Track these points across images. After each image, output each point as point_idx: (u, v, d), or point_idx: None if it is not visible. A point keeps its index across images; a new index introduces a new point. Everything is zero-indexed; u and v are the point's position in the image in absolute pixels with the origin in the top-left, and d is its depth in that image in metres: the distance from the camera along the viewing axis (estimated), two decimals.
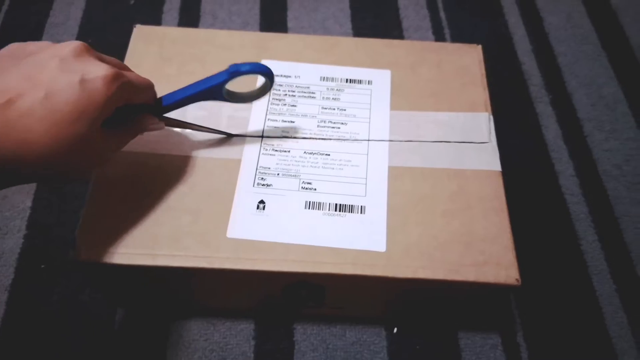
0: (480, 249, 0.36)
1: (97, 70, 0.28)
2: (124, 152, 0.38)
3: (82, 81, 0.27)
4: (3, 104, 0.26)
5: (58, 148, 0.27)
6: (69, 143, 0.27)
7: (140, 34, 0.45)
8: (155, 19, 0.62)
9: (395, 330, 0.44)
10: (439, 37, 0.62)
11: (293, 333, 0.44)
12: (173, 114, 0.36)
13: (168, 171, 0.38)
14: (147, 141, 0.39)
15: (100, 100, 0.28)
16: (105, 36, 0.60)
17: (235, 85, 0.36)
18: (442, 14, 0.65)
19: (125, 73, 0.30)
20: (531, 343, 0.44)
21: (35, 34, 0.60)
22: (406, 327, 0.44)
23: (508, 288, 0.35)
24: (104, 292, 0.43)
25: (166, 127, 0.39)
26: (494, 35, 0.64)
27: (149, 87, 0.34)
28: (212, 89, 0.36)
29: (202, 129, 0.39)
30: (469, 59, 0.45)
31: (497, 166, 0.39)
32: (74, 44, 0.29)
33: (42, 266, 0.45)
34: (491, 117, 0.41)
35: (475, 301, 0.41)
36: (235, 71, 0.35)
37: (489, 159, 0.39)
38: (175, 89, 0.41)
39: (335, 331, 0.44)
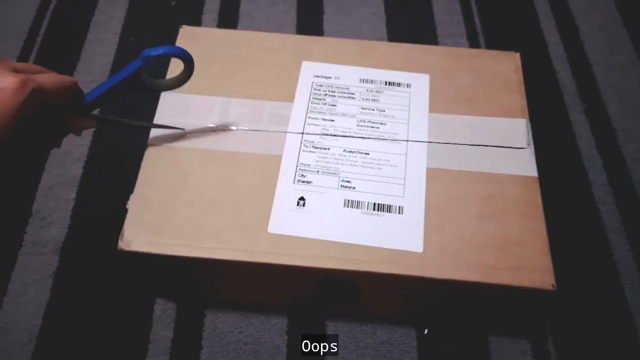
0: (515, 253, 0.36)
1: (5, 81, 0.29)
2: (169, 148, 0.40)
3: None
4: None
5: None
6: None
7: (186, 34, 0.46)
8: (195, 20, 0.63)
9: (426, 331, 0.45)
10: (474, 43, 0.63)
11: (325, 329, 0.44)
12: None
13: (212, 166, 0.39)
14: (191, 138, 0.40)
15: (10, 110, 0.29)
16: (147, 36, 0.62)
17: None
18: (477, 20, 0.65)
19: (37, 77, 0.31)
20: (561, 350, 0.44)
21: (80, 32, 0.62)
22: (437, 329, 0.45)
23: (543, 293, 0.36)
24: (145, 282, 0.44)
25: (209, 125, 0.40)
26: (529, 42, 0.64)
27: (68, 84, 0.34)
28: (130, 79, 0.35)
29: (136, 124, 0.40)
30: (506, 66, 0.46)
31: (534, 172, 0.40)
32: None
33: (85, 256, 0.47)
34: (529, 123, 0.42)
35: (507, 306, 0.41)
36: (147, 56, 0.35)
37: (525, 165, 0.40)
38: (218, 87, 0.42)
39: (366, 329, 0.44)
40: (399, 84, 0.44)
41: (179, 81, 0.38)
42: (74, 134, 0.37)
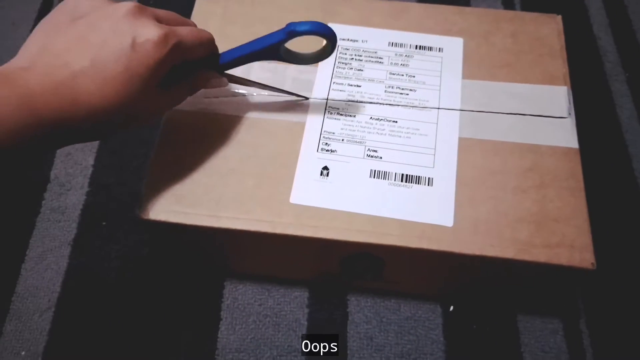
0: (553, 229, 0.34)
1: (149, 33, 0.28)
2: (189, 112, 0.38)
3: (133, 44, 0.28)
4: (58, 66, 0.27)
5: (110, 107, 0.28)
6: (121, 103, 0.28)
7: None
8: None
9: (451, 308, 0.43)
10: (508, 6, 0.59)
11: (347, 304, 0.43)
12: (237, 72, 0.35)
13: (232, 133, 0.37)
14: (212, 102, 0.38)
15: (151, 63, 0.28)
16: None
17: (298, 45, 0.35)
18: None
19: (179, 30, 0.30)
20: (594, 331, 0.42)
21: None
22: (463, 306, 0.43)
23: (581, 272, 0.34)
24: (164, 251, 0.44)
25: (232, 88, 0.39)
26: (568, 7, 0.60)
27: (206, 42, 0.33)
28: (270, 48, 0.34)
29: (268, 88, 0.38)
30: (546, 30, 0.42)
31: (574, 143, 0.37)
32: (127, 5, 0.29)
33: (103, 223, 0.46)
34: (570, 91, 0.39)
35: (541, 284, 0.39)
36: (292, 30, 0.33)
37: (566, 135, 0.37)
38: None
39: (389, 305, 0.43)
40: (430, 48, 0.41)
41: (319, 57, 0.36)
42: (204, 88, 0.35)
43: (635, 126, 0.52)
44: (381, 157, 0.36)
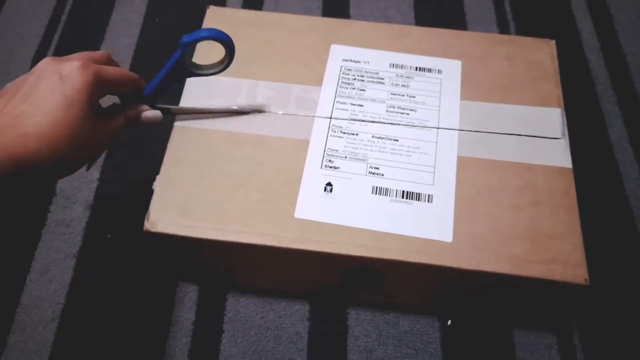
0: (547, 245, 0.35)
1: (71, 64, 0.32)
2: (196, 129, 0.39)
3: (61, 77, 0.31)
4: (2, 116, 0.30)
5: (57, 134, 0.30)
6: (66, 127, 0.31)
7: (213, 15, 0.46)
8: (219, 1, 0.63)
9: (449, 322, 0.44)
10: (504, 30, 0.61)
11: (347, 317, 0.44)
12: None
13: (238, 149, 0.39)
14: (218, 120, 0.40)
15: (81, 86, 0.31)
16: (171, 15, 0.61)
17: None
18: (508, 7, 0.63)
19: (102, 66, 0.34)
20: (588, 345, 0.43)
21: (104, 12, 0.61)
22: (460, 320, 0.44)
23: (575, 287, 0.35)
24: (168, 263, 0.44)
25: (236, 108, 0.40)
26: (561, 31, 0.62)
27: (128, 78, 0.36)
28: (176, 67, 0.36)
29: (213, 111, 0.40)
30: (541, 54, 0.44)
31: (568, 163, 0.38)
32: (49, 58, 0.33)
33: (108, 236, 0.47)
34: (564, 112, 0.40)
35: (536, 299, 0.40)
36: (183, 43, 0.35)
37: (560, 156, 0.39)
38: (246, 70, 0.41)
39: (388, 318, 0.44)
40: (429, 70, 0.43)
41: (221, 64, 0.38)
42: (140, 122, 0.38)
43: (626, 146, 0.54)
44: (383, 174, 0.38)
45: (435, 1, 0.64)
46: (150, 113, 0.38)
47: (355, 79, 0.42)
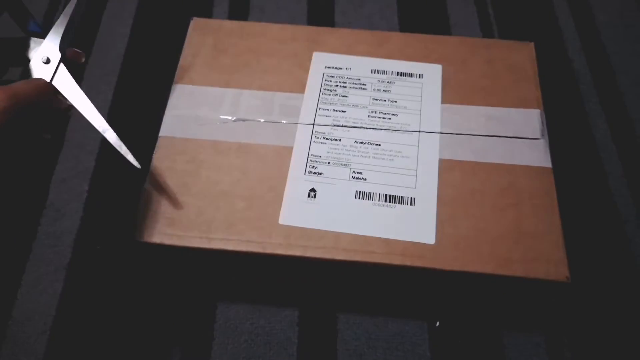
0: (529, 245, 0.36)
1: None
2: (181, 139, 0.40)
3: None
4: None
5: None
6: None
7: (197, 26, 0.46)
8: (206, 12, 0.63)
9: (437, 324, 0.44)
10: (487, 33, 0.62)
11: (336, 322, 0.44)
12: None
13: (222, 157, 0.39)
14: (202, 129, 0.40)
15: None
16: (159, 27, 0.62)
17: None
18: (491, 10, 0.64)
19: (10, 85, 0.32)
20: (576, 343, 0.44)
21: (92, 25, 0.62)
22: (449, 322, 0.44)
23: (557, 285, 0.35)
24: (157, 273, 0.45)
25: (222, 117, 0.40)
26: (543, 32, 0.63)
27: (39, 86, 0.34)
28: None
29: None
30: (520, 56, 0.45)
31: (548, 163, 0.39)
32: None
33: (98, 247, 0.47)
34: (543, 113, 0.41)
35: (521, 298, 0.40)
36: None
37: (540, 156, 0.39)
38: (230, 79, 0.42)
39: (377, 322, 0.44)
40: (410, 75, 0.43)
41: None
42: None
43: (610, 145, 0.55)
44: (365, 179, 0.38)
45: (418, 7, 0.65)
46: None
47: (337, 85, 0.43)
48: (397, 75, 0.43)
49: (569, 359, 0.43)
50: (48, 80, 0.35)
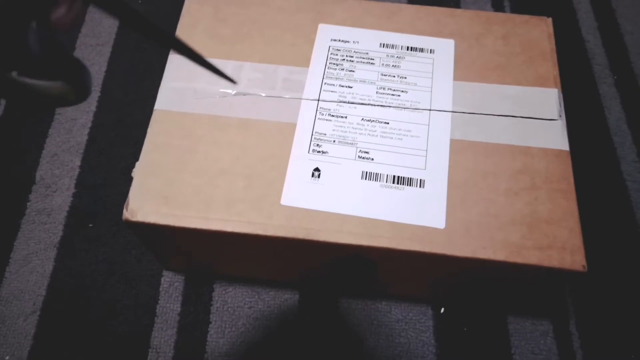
0: (544, 231, 0.34)
1: None
2: (177, 113, 0.38)
3: None
4: None
5: None
6: None
7: None
8: None
9: (442, 310, 0.43)
10: (498, 8, 0.59)
11: (338, 307, 0.43)
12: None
13: (222, 134, 0.37)
14: (200, 103, 0.38)
15: None
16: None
17: None
18: None
19: None
20: (584, 332, 0.43)
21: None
22: (454, 308, 0.43)
23: (572, 274, 0.34)
24: (152, 253, 0.43)
25: (221, 90, 0.38)
26: (557, 10, 0.60)
27: None
28: None
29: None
30: (537, 32, 0.42)
31: (565, 145, 0.37)
32: None
33: (90, 225, 0.45)
34: (560, 93, 0.39)
35: (532, 286, 0.39)
36: None
37: (557, 138, 0.37)
38: (231, 51, 0.40)
39: (380, 307, 0.43)
40: (421, 50, 0.41)
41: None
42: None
43: (624, 128, 0.53)
44: (373, 159, 0.36)
45: None
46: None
47: (344, 59, 0.40)
48: (407, 49, 0.41)
49: (577, 349, 0.42)
50: None
